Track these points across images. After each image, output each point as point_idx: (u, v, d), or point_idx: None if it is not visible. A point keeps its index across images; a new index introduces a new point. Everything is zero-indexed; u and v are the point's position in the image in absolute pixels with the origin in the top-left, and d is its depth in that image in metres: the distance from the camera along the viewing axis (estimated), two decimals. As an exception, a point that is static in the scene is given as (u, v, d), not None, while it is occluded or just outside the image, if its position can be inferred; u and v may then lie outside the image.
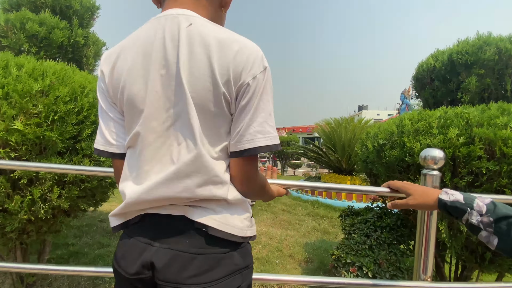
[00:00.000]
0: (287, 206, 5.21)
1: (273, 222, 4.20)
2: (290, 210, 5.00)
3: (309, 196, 5.98)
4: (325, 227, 4.27)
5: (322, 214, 4.85)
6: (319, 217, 4.75)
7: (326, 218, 4.71)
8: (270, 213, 4.65)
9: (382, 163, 1.81)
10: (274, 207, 5.05)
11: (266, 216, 4.46)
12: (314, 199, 5.71)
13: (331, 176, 6.65)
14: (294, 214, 4.79)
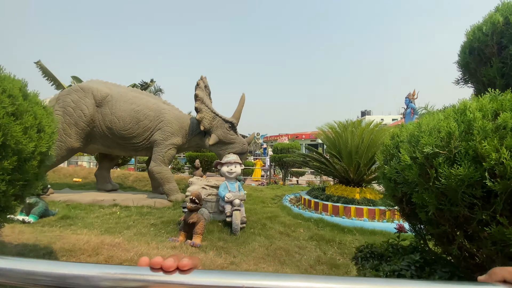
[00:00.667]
0: (285, 227, 4.35)
1: (267, 252, 3.34)
2: (289, 232, 4.13)
3: (312, 212, 5.10)
4: (333, 257, 3.40)
5: (328, 237, 3.97)
6: (324, 242, 3.87)
7: (333, 243, 3.84)
8: (264, 238, 3.80)
9: (431, 188, 1.01)
10: (270, 228, 4.19)
11: (258, 242, 3.61)
12: (319, 217, 4.84)
13: (337, 188, 5.78)
14: (293, 239, 3.92)
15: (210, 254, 2.98)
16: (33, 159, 1.37)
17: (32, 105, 1.42)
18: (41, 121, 1.45)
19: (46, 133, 1.46)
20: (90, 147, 5.78)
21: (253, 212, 4.88)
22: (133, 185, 8.08)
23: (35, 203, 3.83)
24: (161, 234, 3.77)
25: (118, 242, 2.88)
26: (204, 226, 3.58)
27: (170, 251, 2.91)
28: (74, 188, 6.80)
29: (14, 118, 1.25)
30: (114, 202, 5.32)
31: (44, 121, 1.47)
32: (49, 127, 1.50)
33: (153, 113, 5.82)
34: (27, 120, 1.32)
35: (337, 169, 5.84)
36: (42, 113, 1.48)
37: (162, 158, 5.69)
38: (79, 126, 5.33)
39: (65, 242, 2.63)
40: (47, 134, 1.46)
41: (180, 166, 11.40)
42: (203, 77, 6.07)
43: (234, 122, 6.00)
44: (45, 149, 1.43)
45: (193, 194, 3.52)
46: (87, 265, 0.47)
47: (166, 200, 5.64)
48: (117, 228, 3.83)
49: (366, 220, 4.69)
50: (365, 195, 5.41)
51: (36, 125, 1.41)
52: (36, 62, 10.98)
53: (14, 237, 2.62)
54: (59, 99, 5.50)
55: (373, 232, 4.33)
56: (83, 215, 4.38)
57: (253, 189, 8.30)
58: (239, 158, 6.34)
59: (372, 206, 5.03)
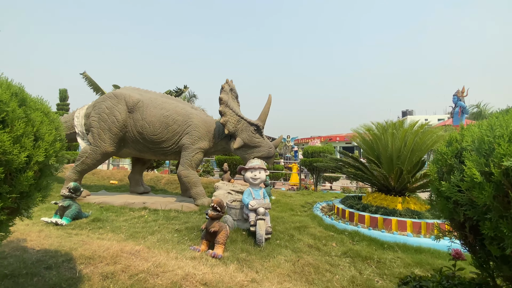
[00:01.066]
0: (316, 239, 3.97)
1: (293, 269, 3.02)
2: (319, 246, 3.74)
3: (346, 224, 4.62)
4: (370, 278, 2.96)
5: (365, 253, 3.50)
6: (360, 259, 3.42)
7: (371, 261, 3.37)
8: (291, 252, 3.47)
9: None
10: (298, 241, 3.85)
11: (284, 256, 3.30)
12: (354, 229, 4.35)
13: (376, 197, 5.19)
14: (324, 253, 3.54)
15: (230, 268, 2.76)
16: (29, 169, 1.26)
17: (30, 112, 1.33)
18: (39, 128, 1.34)
19: (45, 142, 1.36)
20: (123, 151, 6.01)
21: (280, 220, 4.57)
22: (164, 188, 8.30)
23: (68, 205, 4.01)
24: (184, 241, 3.67)
25: (138, 250, 2.81)
26: (227, 235, 3.38)
27: (189, 262, 2.75)
28: (110, 190, 7.17)
29: (0, 126, 1.14)
30: (144, 205, 5.43)
31: (44, 128, 1.37)
32: (50, 135, 1.39)
33: (181, 117, 5.86)
34: (18, 128, 1.21)
35: (376, 176, 5.25)
36: (42, 119, 1.38)
37: (189, 162, 5.69)
38: (113, 131, 5.57)
39: (86, 249, 2.62)
40: (45, 142, 1.36)
41: (210, 169, 11.53)
42: (228, 81, 5.96)
43: (259, 125, 5.78)
44: (43, 159, 1.32)
45: (215, 201, 3.35)
46: None
47: (193, 204, 5.61)
48: (142, 233, 3.82)
49: (410, 235, 4.09)
50: (408, 206, 4.76)
51: (33, 133, 1.31)
52: (82, 73, 12.03)
53: (39, 241, 2.69)
54: (95, 106, 5.82)
55: (419, 249, 3.74)
56: (113, 218, 4.50)
57: (282, 195, 7.97)
58: (266, 163, 6.10)
59: (418, 218, 4.39)
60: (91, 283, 2.17)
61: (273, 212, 5.26)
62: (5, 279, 2.10)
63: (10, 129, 1.20)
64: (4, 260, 2.34)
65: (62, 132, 1.58)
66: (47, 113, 1.48)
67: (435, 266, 3.29)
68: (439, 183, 1.17)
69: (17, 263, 2.30)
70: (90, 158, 5.58)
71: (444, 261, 3.44)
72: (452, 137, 1.27)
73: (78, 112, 6.13)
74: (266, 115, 5.90)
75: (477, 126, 1.19)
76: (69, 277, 2.19)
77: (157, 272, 2.41)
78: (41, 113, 1.42)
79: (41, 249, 2.53)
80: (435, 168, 1.24)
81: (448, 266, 1.96)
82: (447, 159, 1.18)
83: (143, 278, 2.29)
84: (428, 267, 3.28)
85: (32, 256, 2.39)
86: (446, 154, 1.18)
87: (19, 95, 1.33)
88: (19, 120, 1.23)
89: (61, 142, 1.53)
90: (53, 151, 1.43)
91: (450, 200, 1.16)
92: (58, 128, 1.54)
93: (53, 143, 1.45)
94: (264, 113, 5.89)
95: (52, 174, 1.55)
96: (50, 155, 1.41)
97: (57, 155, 1.50)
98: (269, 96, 5.95)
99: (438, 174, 1.21)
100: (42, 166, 1.40)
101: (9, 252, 2.48)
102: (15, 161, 1.19)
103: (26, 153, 1.25)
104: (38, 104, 1.45)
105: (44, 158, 1.35)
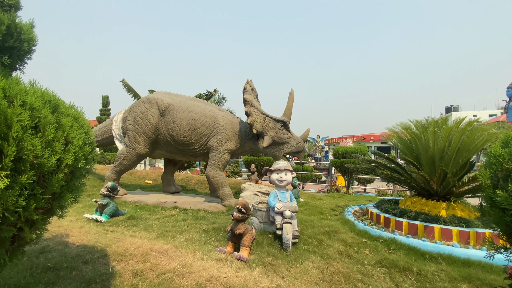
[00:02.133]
0: (347, 246, 3.74)
1: (321, 277, 2.86)
2: (351, 253, 3.52)
3: (381, 230, 4.30)
4: (409, 293, 2.69)
5: (403, 264, 3.20)
6: (397, 270, 3.14)
7: (410, 272, 3.07)
8: (319, 258, 3.31)
9: None
10: (328, 246, 3.66)
11: (312, 262, 3.15)
12: (390, 237, 4.03)
13: (415, 201, 4.76)
14: (356, 262, 3.31)
15: (255, 272, 2.70)
16: (60, 171, 1.34)
17: (61, 117, 1.40)
18: (69, 133, 1.42)
19: (74, 145, 1.42)
20: (156, 152, 6.32)
21: (309, 224, 4.40)
22: (194, 188, 8.56)
23: (107, 204, 4.31)
24: (210, 241, 3.71)
25: (166, 249, 2.89)
26: (253, 238, 3.34)
27: (214, 264, 2.76)
28: (145, 189, 7.59)
29: (33, 132, 1.21)
30: (174, 204, 5.63)
31: (74, 133, 1.44)
32: (79, 139, 1.46)
33: (209, 119, 5.98)
34: (49, 133, 1.27)
35: (415, 179, 4.82)
36: (73, 124, 1.46)
37: (217, 163, 5.78)
38: (146, 134, 5.87)
39: (119, 246, 2.76)
40: (75, 146, 1.43)
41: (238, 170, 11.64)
42: (249, 80, 5.95)
43: (286, 120, 5.68)
44: (72, 161, 1.39)
45: (240, 203, 3.32)
46: None
47: (221, 204, 5.68)
48: (171, 232, 3.95)
49: (457, 246, 3.66)
50: (454, 212, 4.28)
51: (63, 137, 1.38)
52: (121, 81, 12.96)
53: (79, 237, 2.90)
54: (131, 110, 6.20)
55: (467, 262, 3.32)
56: (146, 216, 4.73)
57: (311, 197, 7.72)
58: (297, 157, 5.94)
59: (466, 227, 3.92)
60: (122, 280, 2.27)
61: (301, 215, 5.11)
62: (48, 271, 2.29)
63: (42, 134, 1.27)
64: (49, 254, 2.56)
65: (91, 136, 1.65)
66: (78, 119, 1.56)
67: (486, 282, 2.89)
68: (493, 192, 0.99)
69: (59, 256, 2.49)
70: (127, 159, 5.95)
71: (498, 276, 3.00)
72: (509, 136, 1.06)
73: (116, 117, 6.58)
74: (290, 110, 5.77)
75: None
76: (103, 273, 2.32)
77: (183, 272, 2.45)
78: (71, 118, 1.49)
79: (80, 244, 2.73)
80: (488, 174, 1.04)
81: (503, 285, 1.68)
82: (503, 163, 0.99)
83: (170, 278, 2.34)
84: (478, 283, 2.89)
85: (72, 250, 2.58)
86: (502, 156, 0.98)
87: (52, 102, 1.40)
88: (50, 125, 1.30)
89: (90, 146, 1.59)
90: (82, 154, 1.49)
91: (507, 212, 0.97)
92: (88, 133, 1.61)
93: (82, 146, 1.51)
94: (288, 108, 5.76)
95: (83, 175, 1.62)
96: (79, 158, 1.47)
97: (86, 158, 1.57)
98: (291, 90, 5.80)
99: (491, 180, 1.02)
100: (72, 169, 1.46)
101: (53, 246, 2.70)
102: (46, 164, 1.26)
103: (56, 156, 1.31)
104: (70, 110, 1.53)
105: (73, 161, 1.41)
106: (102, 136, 6.89)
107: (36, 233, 1.42)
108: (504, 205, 0.90)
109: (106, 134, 6.81)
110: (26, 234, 1.25)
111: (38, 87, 1.40)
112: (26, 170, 1.17)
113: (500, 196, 0.89)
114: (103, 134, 6.87)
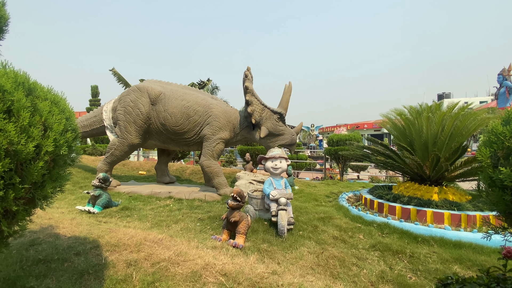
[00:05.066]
0: (341, 231, 3.78)
1: (317, 261, 2.89)
2: (345, 238, 3.56)
3: (374, 215, 4.35)
4: (402, 274, 2.74)
5: (396, 247, 3.26)
6: (390, 253, 3.19)
7: (403, 255, 3.12)
8: (314, 243, 3.33)
9: None
10: (322, 232, 3.69)
11: (307, 248, 3.17)
12: (383, 221, 4.08)
13: (408, 186, 4.82)
14: (351, 246, 3.35)
15: (251, 259, 2.70)
16: (39, 159, 1.25)
17: (37, 101, 1.31)
18: (48, 118, 1.32)
19: (54, 131, 1.34)
20: (148, 142, 6.20)
21: (304, 211, 4.42)
22: (189, 178, 8.51)
23: (99, 195, 4.23)
24: (206, 230, 3.69)
25: (160, 238, 2.86)
26: (248, 225, 3.33)
27: (209, 251, 2.74)
28: (139, 180, 7.50)
29: (5, 116, 1.12)
30: (169, 194, 5.58)
31: (53, 118, 1.35)
32: (59, 125, 1.37)
33: (202, 108, 5.86)
34: (24, 118, 1.18)
35: (408, 164, 4.85)
36: (51, 109, 1.36)
37: (211, 152, 5.71)
38: (137, 124, 5.73)
39: (113, 236, 2.72)
40: (55, 132, 1.34)
41: (233, 160, 11.61)
42: (249, 68, 5.81)
43: (282, 112, 5.65)
44: (52, 148, 1.30)
45: (235, 191, 3.29)
46: None
47: (216, 193, 5.66)
48: (166, 222, 3.92)
49: (449, 228, 3.73)
50: (446, 196, 4.34)
51: (41, 123, 1.30)
52: (111, 70, 12.57)
53: (71, 229, 2.84)
54: (120, 99, 6.02)
55: (459, 244, 3.39)
56: (141, 207, 4.67)
57: (306, 184, 7.77)
58: (289, 150, 5.94)
59: (457, 210, 3.99)
60: (115, 270, 2.24)
61: (296, 202, 5.13)
62: (39, 263, 2.23)
63: (16, 119, 1.18)
64: (39, 246, 2.49)
65: (74, 122, 1.55)
66: (57, 103, 1.46)
67: (477, 263, 2.96)
68: (493, 170, 0.95)
69: (50, 249, 2.43)
70: (118, 150, 5.82)
71: (488, 257, 3.08)
72: (510, 114, 1.02)
73: (106, 106, 6.39)
74: (287, 103, 5.74)
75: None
76: (96, 264, 2.27)
77: (178, 261, 2.42)
78: (50, 102, 1.40)
79: (72, 236, 2.67)
80: (488, 152, 1.01)
81: (497, 265, 1.70)
82: (505, 141, 0.95)
83: (164, 267, 2.32)
84: (469, 264, 2.96)
85: (64, 242, 2.52)
86: (504, 134, 0.95)
87: (26, 84, 1.30)
88: (24, 109, 1.21)
89: (73, 132, 1.51)
90: (64, 141, 1.41)
91: (507, 191, 0.94)
92: (70, 118, 1.52)
93: (64, 133, 1.43)
94: (285, 101, 5.72)
95: (67, 164, 1.54)
96: (61, 145, 1.39)
97: (69, 145, 1.48)
98: (289, 83, 5.75)
99: (491, 159, 0.99)
100: (54, 156, 1.38)
101: (44, 239, 2.64)
102: (23, 152, 1.17)
103: (34, 143, 1.23)
104: (48, 93, 1.43)
105: (54, 148, 1.33)
106: (92, 126, 6.70)
107: (18, 225, 1.35)
108: (507, 183, 0.87)
109: (96, 124, 6.62)
110: (4, 227, 1.18)
111: (10, 69, 1.29)
112: (0, 157, 1.09)
113: (503, 174, 0.85)
114: (93, 124, 6.68)
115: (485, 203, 3.95)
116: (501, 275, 1.47)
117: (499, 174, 0.87)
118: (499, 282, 1.37)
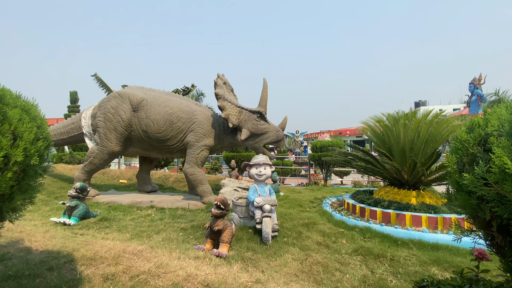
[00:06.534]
0: (325, 236, 3.82)
1: (301, 268, 2.89)
2: (329, 243, 3.60)
3: (357, 220, 4.44)
4: (383, 278, 2.80)
5: (377, 251, 3.33)
6: (372, 257, 3.26)
7: (384, 259, 3.20)
8: (299, 250, 3.35)
9: None
10: (306, 238, 3.71)
11: (291, 255, 3.17)
12: (365, 225, 4.17)
13: (388, 191, 4.98)
14: (334, 251, 3.39)
15: (234, 268, 2.66)
16: (8, 170, 1.19)
17: (7, 109, 1.25)
18: (17, 127, 1.26)
19: (24, 140, 1.27)
20: (129, 150, 6.03)
21: (288, 217, 4.44)
22: (173, 186, 8.32)
23: (76, 205, 4.03)
24: (189, 240, 3.61)
25: (140, 250, 2.76)
26: (232, 234, 3.29)
27: (192, 262, 2.68)
28: (120, 189, 7.24)
29: (-31, 125, 1.05)
30: (151, 203, 5.42)
31: (23, 126, 1.29)
32: (30, 133, 1.31)
33: (186, 115, 5.80)
34: (-10, 126, 1.12)
35: (387, 169, 5.03)
36: (21, 117, 1.30)
37: (195, 159, 5.63)
38: (118, 131, 5.57)
39: (89, 249, 2.59)
40: (25, 141, 1.27)
41: (218, 167, 11.51)
42: (219, 75, 5.85)
43: (262, 110, 5.65)
44: (22, 158, 1.24)
45: (218, 199, 3.26)
46: None
47: (200, 202, 5.56)
48: (147, 232, 3.79)
49: (426, 231, 3.88)
50: (423, 200, 4.53)
51: (10, 131, 1.23)
52: (93, 75, 12.19)
53: (43, 242, 2.68)
54: (100, 106, 5.84)
55: (436, 246, 3.53)
56: (120, 217, 4.50)
57: (291, 190, 7.83)
58: (277, 146, 5.93)
59: (434, 213, 4.16)
60: (91, 285, 2.13)
61: (280, 209, 5.14)
62: (9, 279, 2.08)
63: (-19, 127, 1.12)
64: (9, 261, 2.33)
65: (46, 130, 1.49)
66: (28, 110, 1.40)
67: (454, 264, 3.08)
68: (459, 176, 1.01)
69: (21, 264, 2.28)
70: (98, 158, 5.61)
71: (464, 258, 3.22)
72: (474, 122, 1.09)
73: (85, 113, 6.17)
74: (265, 100, 5.74)
75: (504, 108, 1.01)
76: (70, 279, 2.15)
77: (158, 273, 2.34)
78: (20, 110, 1.34)
79: (44, 250, 2.52)
80: (454, 159, 1.07)
81: (470, 267, 1.78)
82: (469, 148, 1.02)
83: (144, 280, 2.23)
84: (446, 265, 3.08)
85: (36, 257, 2.37)
86: (467, 141, 1.01)
87: (-6, 91, 1.24)
88: (-9, 118, 1.15)
89: (45, 141, 1.44)
90: (34, 150, 1.35)
91: (473, 195, 1.00)
92: (41, 126, 1.45)
93: (35, 142, 1.37)
94: (263, 98, 5.73)
95: (38, 174, 1.47)
96: (31, 155, 1.32)
97: (41, 155, 1.42)
98: (264, 80, 5.78)
99: (457, 165, 1.05)
100: (24, 167, 1.32)
101: (14, 253, 2.47)
102: (-11, 162, 1.11)
103: (2, 153, 1.16)
104: (17, 100, 1.37)
105: (24, 157, 1.27)
106: (70, 133, 6.43)
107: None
108: (470, 188, 0.93)
109: (74, 132, 6.37)
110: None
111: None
112: (-38, 168, 1.02)
113: (467, 179, 0.91)
114: (71, 131, 6.42)
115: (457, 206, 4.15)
116: (474, 276, 1.54)
117: (464, 180, 0.93)
118: (472, 283, 1.44)
